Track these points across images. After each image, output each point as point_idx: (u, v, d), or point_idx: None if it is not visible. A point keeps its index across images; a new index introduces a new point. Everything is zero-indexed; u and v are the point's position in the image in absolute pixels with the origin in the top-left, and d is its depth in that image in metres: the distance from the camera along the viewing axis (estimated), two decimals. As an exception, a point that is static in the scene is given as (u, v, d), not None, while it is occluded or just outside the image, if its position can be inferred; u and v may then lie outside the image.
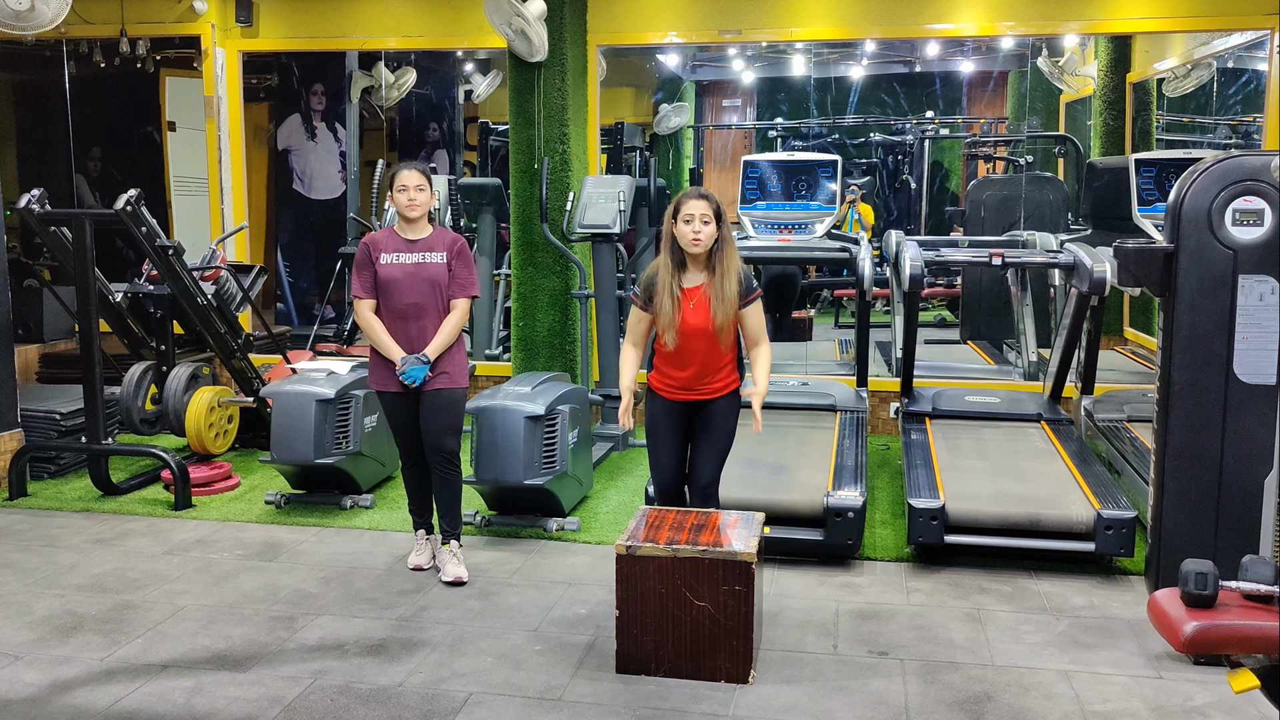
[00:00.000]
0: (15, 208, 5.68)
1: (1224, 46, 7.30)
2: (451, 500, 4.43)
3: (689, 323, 3.86)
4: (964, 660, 3.68)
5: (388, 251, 4.32)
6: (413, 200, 4.28)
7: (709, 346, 3.90)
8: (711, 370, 3.95)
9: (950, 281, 9.54)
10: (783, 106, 10.17)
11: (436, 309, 4.32)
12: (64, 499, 5.58)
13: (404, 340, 4.31)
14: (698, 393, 3.98)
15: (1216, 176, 3.70)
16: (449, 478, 4.40)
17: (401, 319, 4.30)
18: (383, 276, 4.29)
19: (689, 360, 3.93)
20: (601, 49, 7.22)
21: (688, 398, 3.99)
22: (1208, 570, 2.32)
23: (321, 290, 9.18)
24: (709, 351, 3.91)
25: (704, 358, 3.92)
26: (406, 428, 4.42)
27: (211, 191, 7.84)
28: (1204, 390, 3.73)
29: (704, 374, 3.95)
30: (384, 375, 4.36)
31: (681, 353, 3.92)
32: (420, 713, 3.32)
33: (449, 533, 4.46)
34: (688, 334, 3.87)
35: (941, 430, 5.62)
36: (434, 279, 4.30)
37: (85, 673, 3.60)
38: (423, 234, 4.36)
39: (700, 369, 3.94)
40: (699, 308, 3.87)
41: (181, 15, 7.58)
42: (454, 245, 4.37)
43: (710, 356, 3.92)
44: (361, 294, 4.34)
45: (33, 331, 7.57)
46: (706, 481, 4.04)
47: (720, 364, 3.96)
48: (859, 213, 9.10)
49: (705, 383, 3.97)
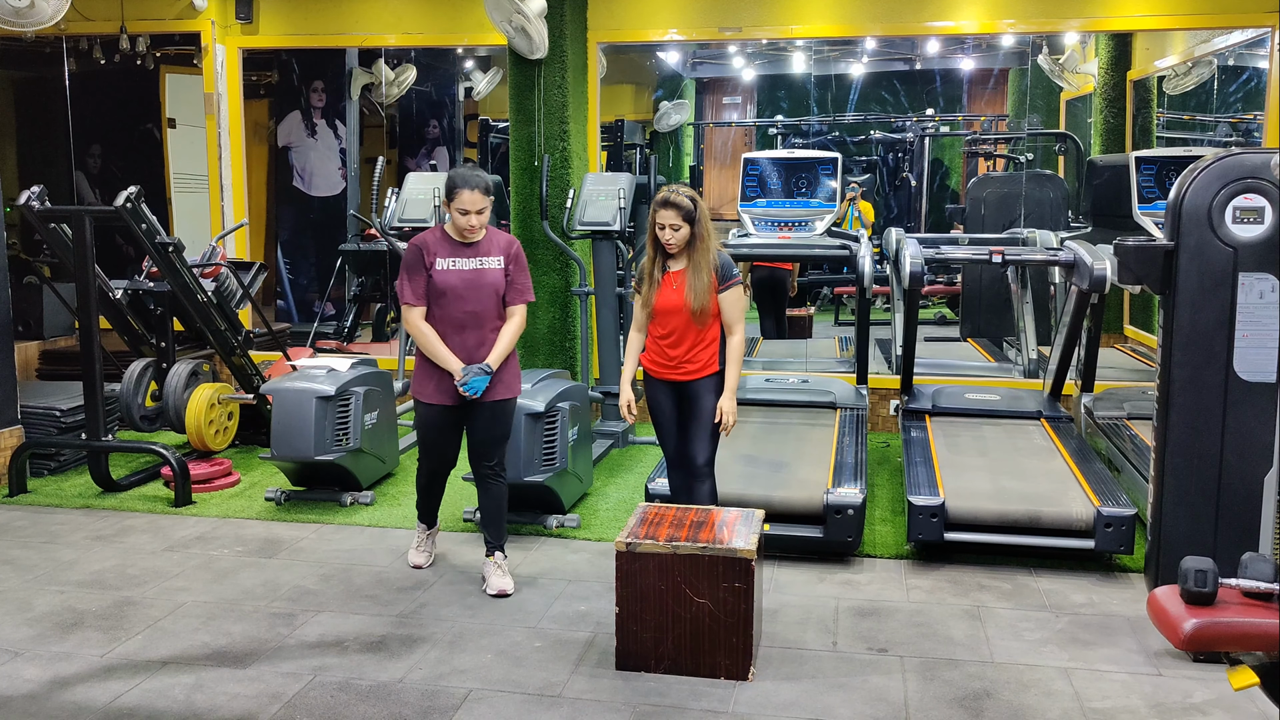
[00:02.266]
0: (15, 204, 5.69)
1: (1225, 44, 7.30)
2: (498, 510, 4.31)
3: (669, 302, 4.16)
4: (963, 657, 3.69)
5: (443, 256, 4.12)
6: (472, 227, 4.11)
7: (687, 326, 4.16)
8: (694, 348, 4.19)
9: (950, 279, 9.54)
10: (783, 104, 10.17)
11: (494, 316, 4.19)
12: (64, 496, 5.58)
13: (462, 350, 4.13)
14: (681, 372, 4.21)
15: (1217, 174, 3.70)
16: (497, 487, 4.31)
17: (459, 328, 4.13)
18: (438, 283, 4.11)
19: (672, 336, 4.20)
20: (602, 46, 7.21)
21: (674, 377, 4.23)
22: (1207, 568, 2.32)
23: (321, 287, 9.18)
24: (688, 330, 4.17)
25: (684, 335, 4.18)
26: (448, 441, 4.31)
27: (211, 188, 7.84)
28: (1204, 388, 3.73)
29: (687, 351, 4.20)
30: (436, 387, 4.17)
31: (666, 331, 4.21)
32: (420, 709, 3.32)
33: (494, 544, 4.32)
34: (666, 311, 4.17)
35: (941, 428, 5.62)
36: (494, 285, 4.16)
37: (85, 669, 3.60)
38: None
39: (683, 344, 4.19)
40: (681, 289, 4.16)
41: (181, 12, 7.58)
42: (510, 248, 4.21)
43: (691, 335, 4.18)
44: (413, 300, 4.14)
45: (33, 328, 7.57)
46: (701, 461, 4.25)
47: (701, 344, 4.19)
48: (859, 210, 9.10)
49: (688, 362, 4.20)
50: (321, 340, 8.41)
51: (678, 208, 4.11)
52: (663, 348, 4.23)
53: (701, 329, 4.17)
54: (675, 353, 4.20)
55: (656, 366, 4.27)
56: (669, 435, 4.32)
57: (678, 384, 4.23)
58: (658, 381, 4.27)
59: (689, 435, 4.25)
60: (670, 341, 4.20)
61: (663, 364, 4.24)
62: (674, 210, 4.11)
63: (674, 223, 4.12)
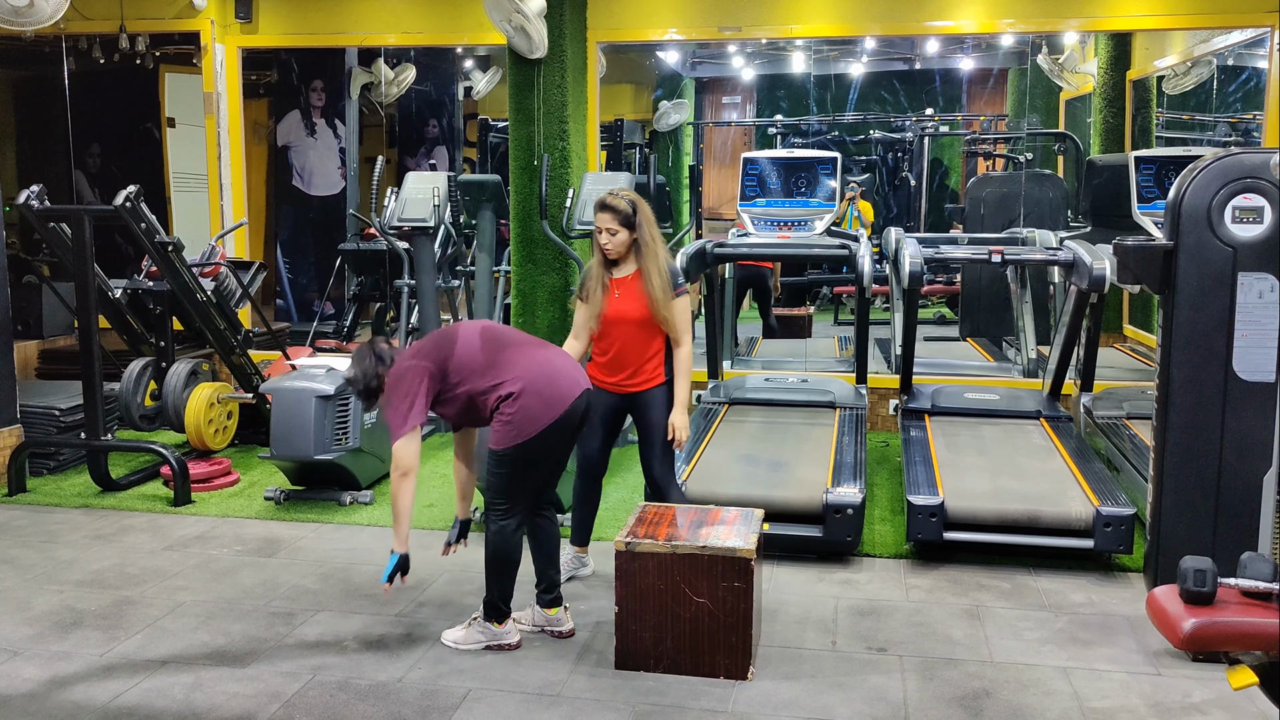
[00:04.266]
0: (15, 204, 5.68)
1: (1224, 44, 7.30)
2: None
3: (614, 311, 4.02)
4: (963, 657, 3.69)
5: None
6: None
7: (632, 335, 4.03)
8: (637, 361, 4.07)
9: (950, 279, 9.54)
10: (782, 103, 10.16)
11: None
12: (63, 495, 5.58)
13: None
14: (624, 384, 4.11)
15: (1216, 174, 3.70)
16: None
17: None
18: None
19: (614, 349, 4.07)
20: (601, 46, 7.21)
21: (615, 388, 4.12)
22: (1206, 567, 2.32)
23: (321, 287, 9.18)
24: (634, 341, 4.04)
25: (628, 346, 4.05)
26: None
27: (211, 188, 7.84)
28: (1203, 387, 3.73)
29: (630, 364, 4.08)
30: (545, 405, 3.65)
31: (609, 341, 4.07)
32: (419, 708, 3.32)
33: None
34: (613, 321, 4.03)
35: (941, 427, 5.62)
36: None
37: (84, 668, 3.60)
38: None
39: (624, 357, 4.07)
40: (625, 298, 4.02)
41: (181, 11, 7.58)
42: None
43: (634, 346, 4.05)
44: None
45: (32, 327, 7.58)
46: (659, 473, 4.19)
47: (646, 355, 4.08)
48: (858, 210, 9.10)
49: (633, 374, 4.09)
50: (321, 339, 8.40)
51: (614, 211, 3.95)
52: (605, 357, 4.09)
53: (643, 339, 4.04)
54: (614, 361, 4.07)
55: (599, 375, 4.12)
56: (593, 444, 4.19)
57: (619, 395, 4.13)
58: (601, 392, 4.09)
59: (642, 447, 4.17)
60: (614, 352, 4.07)
61: (605, 375, 4.12)
62: (610, 214, 3.95)
63: (610, 226, 3.95)
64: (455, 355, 3.58)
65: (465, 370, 3.57)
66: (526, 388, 3.54)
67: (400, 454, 3.49)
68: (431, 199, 6.74)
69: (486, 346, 3.62)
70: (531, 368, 3.59)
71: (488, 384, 3.56)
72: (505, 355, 3.61)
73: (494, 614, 3.73)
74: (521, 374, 3.56)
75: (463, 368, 3.58)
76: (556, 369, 3.64)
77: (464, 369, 3.58)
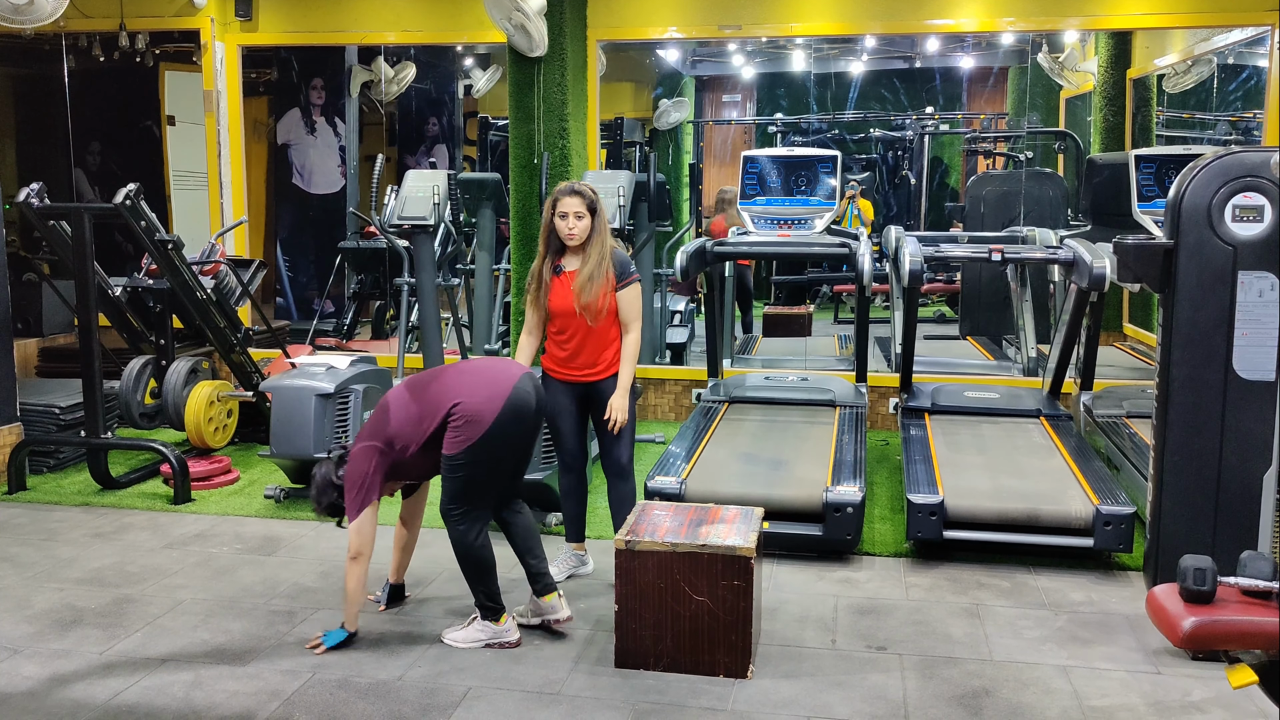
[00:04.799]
0: (15, 202, 5.68)
1: (1224, 42, 7.29)
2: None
3: (561, 302, 4.05)
4: (962, 655, 3.69)
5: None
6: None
7: (584, 326, 4.06)
8: (593, 350, 4.11)
9: (950, 277, 9.54)
10: (782, 102, 10.16)
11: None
12: (63, 493, 5.58)
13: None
14: (583, 374, 4.14)
15: (1216, 172, 3.70)
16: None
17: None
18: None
19: (570, 340, 4.11)
20: (601, 44, 7.21)
21: (575, 378, 4.15)
22: (1206, 566, 2.32)
23: (321, 285, 9.18)
24: (587, 331, 4.07)
25: (583, 337, 4.09)
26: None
27: (211, 186, 7.84)
28: (1203, 386, 3.73)
29: (585, 353, 4.11)
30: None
31: (562, 332, 4.11)
32: (419, 707, 3.32)
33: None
34: (561, 313, 4.07)
35: (940, 426, 5.62)
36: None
37: (84, 666, 3.60)
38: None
39: (580, 347, 4.10)
40: (573, 288, 4.03)
41: (180, 9, 7.57)
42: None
43: (589, 337, 4.08)
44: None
45: (32, 325, 7.58)
46: (622, 462, 4.22)
47: (603, 345, 4.11)
48: (859, 208, 9.10)
49: (589, 364, 4.13)
50: (321, 338, 8.41)
51: (581, 195, 4.00)
52: (559, 350, 4.14)
53: (599, 329, 4.07)
54: (568, 353, 4.12)
55: (557, 367, 4.18)
56: (567, 436, 4.25)
57: (580, 385, 4.17)
58: (558, 383, 4.18)
59: (601, 438, 4.21)
60: (568, 344, 4.11)
61: (561, 366, 4.17)
62: (579, 198, 3.99)
63: (578, 210, 3.98)
64: (392, 421, 3.65)
65: (407, 426, 3.64)
66: (464, 397, 3.60)
67: (353, 536, 3.63)
68: (431, 197, 6.74)
69: (415, 395, 3.69)
70: (461, 380, 3.66)
71: (432, 423, 3.61)
72: (432, 390, 3.67)
73: (489, 613, 3.75)
74: (454, 392, 3.62)
75: (404, 427, 3.64)
76: (486, 367, 3.75)
77: (405, 427, 3.64)
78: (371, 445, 3.63)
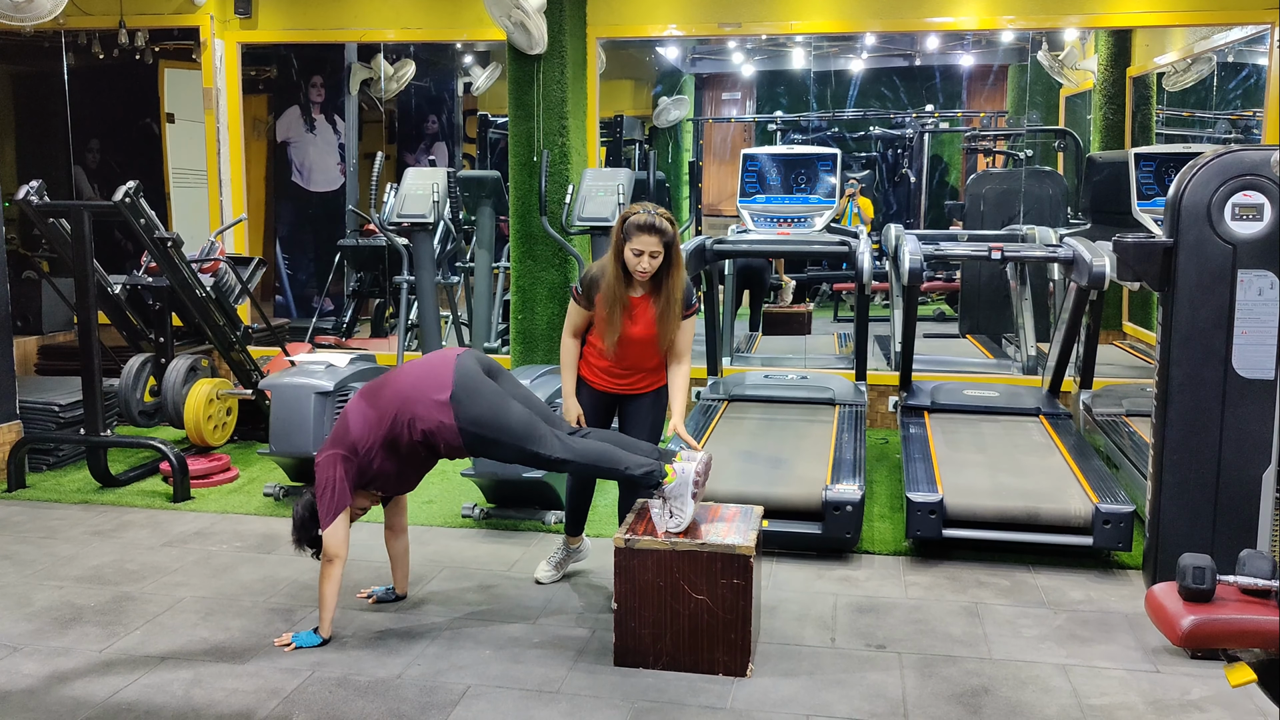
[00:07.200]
0: (14, 199, 5.68)
1: (1224, 41, 7.29)
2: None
3: (631, 332, 3.94)
4: (961, 654, 3.69)
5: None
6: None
7: (643, 351, 4.00)
8: (641, 370, 4.07)
9: (949, 276, 9.54)
10: (782, 100, 10.16)
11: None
12: (63, 491, 5.58)
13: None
14: (621, 384, 4.10)
15: (1216, 171, 3.70)
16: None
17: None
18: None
19: (623, 360, 4.02)
20: (601, 42, 7.21)
21: (611, 388, 4.11)
22: (1205, 565, 2.32)
23: (320, 283, 9.18)
24: (642, 355, 4.02)
25: (637, 360, 4.03)
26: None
27: (210, 183, 7.83)
28: (1203, 385, 3.74)
29: (634, 373, 4.07)
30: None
31: (620, 355, 4.00)
32: (418, 705, 3.32)
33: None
34: (627, 341, 3.96)
35: (940, 424, 5.62)
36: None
37: (84, 664, 3.60)
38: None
39: (632, 369, 4.05)
40: (641, 319, 3.94)
41: (180, 7, 7.57)
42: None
43: (642, 359, 4.04)
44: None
45: (31, 323, 7.58)
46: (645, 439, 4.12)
47: (650, 365, 4.07)
48: (858, 206, 9.10)
49: (630, 377, 4.08)
50: (320, 335, 8.41)
51: (661, 233, 3.74)
52: (610, 364, 4.03)
53: (655, 351, 4.01)
54: (619, 371, 4.03)
55: (595, 376, 4.09)
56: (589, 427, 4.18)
57: (617, 394, 4.13)
58: (595, 391, 4.10)
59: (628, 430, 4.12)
60: (622, 361, 4.01)
61: (605, 379, 4.08)
62: (656, 236, 3.73)
63: (654, 249, 3.76)
64: (352, 429, 3.68)
65: (369, 432, 3.67)
66: (414, 393, 3.65)
67: (328, 541, 3.66)
68: (431, 195, 6.74)
69: (371, 402, 3.72)
70: (405, 378, 3.72)
71: (394, 428, 3.65)
72: (384, 394, 3.71)
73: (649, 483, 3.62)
74: (403, 390, 3.68)
75: (366, 433, 3.67)
76: (425, 360, 3.80)
77: (367, 432, 3.67)
78: (335, 453, 3.67)
